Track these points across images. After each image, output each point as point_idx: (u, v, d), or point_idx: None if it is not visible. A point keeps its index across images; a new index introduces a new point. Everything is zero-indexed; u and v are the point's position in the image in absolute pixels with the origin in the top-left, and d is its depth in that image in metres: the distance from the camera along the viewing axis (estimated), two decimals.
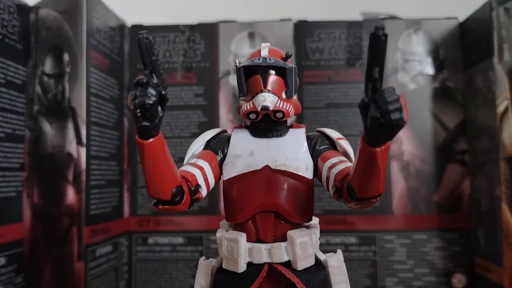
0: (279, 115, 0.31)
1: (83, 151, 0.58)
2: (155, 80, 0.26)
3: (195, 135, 0.70)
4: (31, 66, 0.60)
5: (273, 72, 0.31)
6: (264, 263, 0.30)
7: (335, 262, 0.32)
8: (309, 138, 0.33)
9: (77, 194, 0.58)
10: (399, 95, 0.23)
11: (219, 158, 0.32)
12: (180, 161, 0.74)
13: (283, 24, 0.72)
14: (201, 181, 0.31)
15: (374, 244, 0.69)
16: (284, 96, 0.32)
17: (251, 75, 0.31)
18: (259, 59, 0.31)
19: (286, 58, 0.33)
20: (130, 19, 0.74)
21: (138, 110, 0.25)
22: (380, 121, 0.23)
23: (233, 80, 0.72)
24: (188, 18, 0.74)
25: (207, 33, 0.72)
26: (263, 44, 0.33)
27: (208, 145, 0.33)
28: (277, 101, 0.31)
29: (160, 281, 0.70)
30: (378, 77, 0.24)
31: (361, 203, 0.28)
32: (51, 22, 0.60)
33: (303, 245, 0.30)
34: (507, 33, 0.60)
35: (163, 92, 0.26)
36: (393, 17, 0.72)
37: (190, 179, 0.30)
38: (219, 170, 0.32)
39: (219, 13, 0.76)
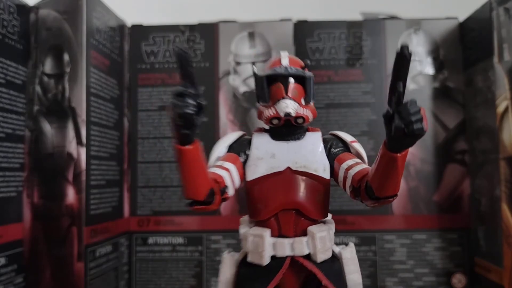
0: (299, 120, 0.33)
1: (83, 151, 0.58)
2: (192, 90, 0.27)
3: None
4: (31, 66, 0.60)
5: (293, 80, 0.33)
6: (287, 256, 0.33)
7: (348, 254, 0.34)
8: (324, 141, 0.35)
9: (77, 194, 0.58)
10: (420, 107, 0.26)
11: (242, 160, 0.35)
12: None
13: (283, 24, 0.72)
14: (228, 182, 0.33)
15: (374, 244, 0.69)
16: (303, 102, 0.34)
17: (272, 83, 0.33)
18: (280, 68, 0.33)
19: (304, 67, 0.35)
20: (130, 19, 0.74)
21: (179, 119, 0.27)
22: (404, 131, 0.25)
23: (232, 80, 0.72)
24: (188, 18, 0.74)
25: (207, 33, 0.72)
26: (282, 53, 0.35)
27: (231, 147, 0.35)
28: (298, 107, 0.33)
29: (160, 281, 0.70)
30: (402, 91, 0.26)
31: (378, 202, 0.31)
32: (51, 22, 0.60)
33: (323, 240, 0.32)
34: (507, 33, 0.60)
35: (200, 101, 0.27)
36: (393, 17, 0.73)
37: (219, 180, 0.32)
38: (243, 171, 0.34)
39: (219, 13, 0.76)
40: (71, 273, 0.57)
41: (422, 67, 0.71)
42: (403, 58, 0.25)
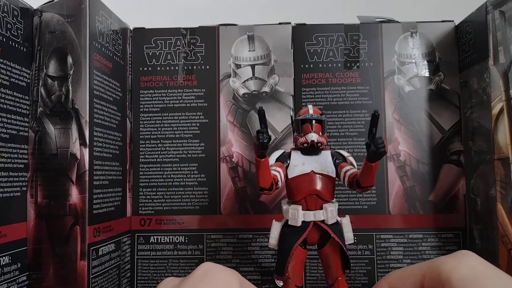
0: (319, 144, 0.53)
1: (86, 152, 0.59)
2: (266, 130, 0.47)
3: (196, 136, 0.72)
4: (35, 68, 0.61)
5: (315, 122, 0.53)
6: (311, 221, 0.53)
7: (345, 221, 0.55)
8: (332, 155, 0.55)
9: (81, 194, 0.59)
10: (383, 140, 0.46)
11: (285, 166, 0.55)
12: (181, 161, 0.75)
13: (282, 28, 0.73)
14: (279, 178, 0.53)
15: (372, 242, 0.70)
16: (321, 134, 0.54)
17: (304, 123, 0.54)
18: (309, 115, 0.54)
19: (322, 114, 0.55)
20: (132, 23, 0.75)
21: (259, 144, 0.47)
22: (375, 152, 0.47)
23: (233, 82, 0.73)
24: (189, 22, 0.75)
25: (207, 36, 0.73)
26: (309, 106, 0.55)
27: (278, 159, 0.56)
28: (318, 137, 0.53)
29: (161, 279, 0.71)
30: (375, 132, 0.47)
31: (363, 189, 0.52)
32: (55, 25, 0.61)
33: (331, 212, 0.54)
34: (502, 36, 0.61)
35: (269, 136, 0.48)
36: (390, 21, 0.73)
37: (274, 177, 0.53)
38: (286, 172, 0.55)
39: (219, 17, 0.77)
40: (74, 272, 0.58)
41: (418, 69, 0.72)
42: (374, 117, 0.46)
